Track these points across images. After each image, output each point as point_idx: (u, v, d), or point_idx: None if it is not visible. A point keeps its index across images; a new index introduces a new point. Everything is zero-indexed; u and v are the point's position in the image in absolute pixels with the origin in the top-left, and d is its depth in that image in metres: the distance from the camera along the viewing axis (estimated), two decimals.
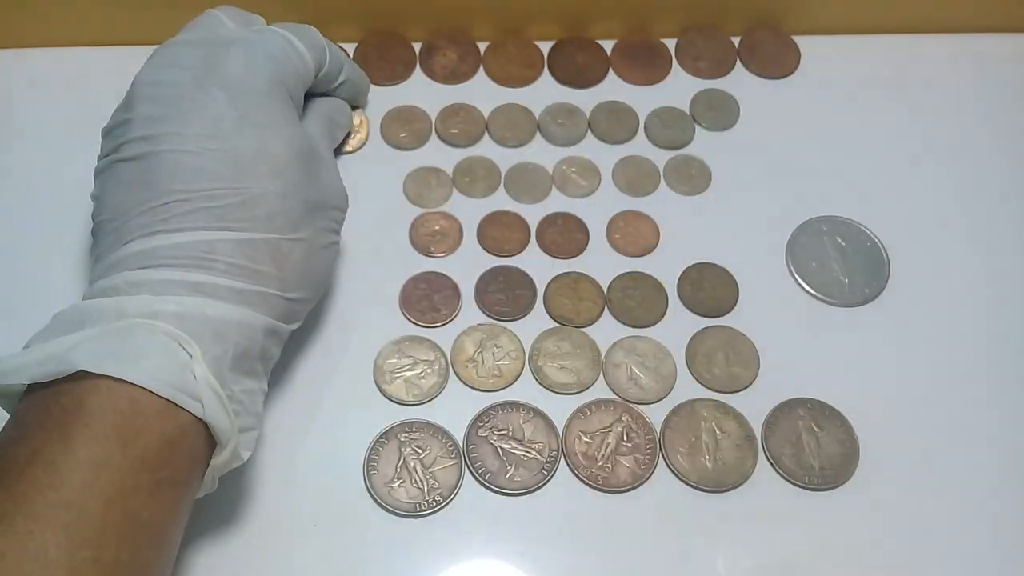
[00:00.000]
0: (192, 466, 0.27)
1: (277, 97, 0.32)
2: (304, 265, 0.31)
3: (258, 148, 0.30)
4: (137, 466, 0.25)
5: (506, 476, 0.34)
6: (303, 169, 0.31)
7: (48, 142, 0.41)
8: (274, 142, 0.30)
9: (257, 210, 0.29)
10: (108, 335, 0.26)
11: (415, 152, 0.42)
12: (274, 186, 0.30)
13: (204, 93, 0.30)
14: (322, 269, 0.33)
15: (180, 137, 0.29)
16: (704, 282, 0.39)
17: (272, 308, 0.30)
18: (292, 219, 0.30)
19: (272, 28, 0.34)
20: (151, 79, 0.31)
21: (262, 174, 0.30)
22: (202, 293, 0.28)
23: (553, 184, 0.41)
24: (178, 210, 0.28)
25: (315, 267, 0.32)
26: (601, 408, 0.35)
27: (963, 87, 0.45)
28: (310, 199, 0.31)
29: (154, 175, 0.29)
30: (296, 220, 0.30)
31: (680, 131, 0.43)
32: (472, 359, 0.36)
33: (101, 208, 0.30)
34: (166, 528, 0.26)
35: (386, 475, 0.33)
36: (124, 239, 0.29)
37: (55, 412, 0.25)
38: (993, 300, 0.39)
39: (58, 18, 0.43)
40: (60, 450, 0.24)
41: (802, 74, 0.46)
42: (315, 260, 0.32)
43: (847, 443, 0.35)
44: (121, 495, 0.24)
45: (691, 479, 0.34)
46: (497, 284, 0.38)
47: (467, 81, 0.44)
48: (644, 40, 0.46)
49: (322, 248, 0.32)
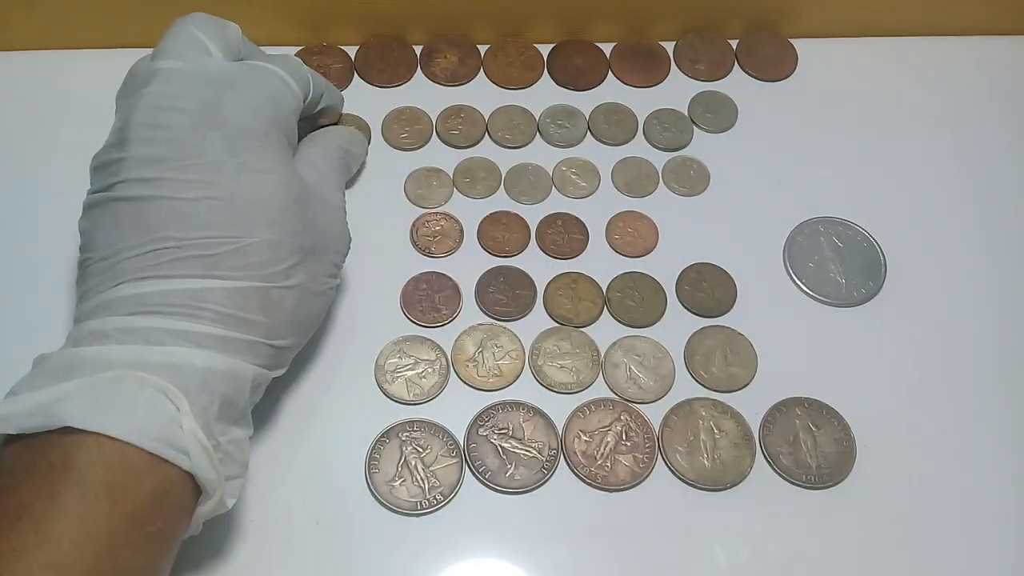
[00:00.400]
0: (179, 516, 0.27)
1: (274, 141, 0.31)
2: (295, 313, 0.30)
3: (254, 196, 0.29)
4: (126, 523, 0.25)
5: (506, 475, 0.34)
6: (299, 215, 0.31)
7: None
8: (270, 189, 0.30)
9: (250, 258, 0.29)
10: (96, 387, 0.26)
11: (416, 153, 0.42)
12: (268, 234, 0.29)
13: (202, 138, 0.29)
14: (314, 314, 0.32)
15: (177, 184, 0.29)
16: (702, 282, 0.39)
17: (259, 356, 0.29)
18: (284, 267, 0.30)
19: (263, 65, 0.34)
20: (148, 120, 0.30)
21: (256, 222, 0.29)
22: (190, 342, 0.28)
23: (553, 185, 0.42)
24: (170, 256, 0.28)
25: (307, 313, 0.31)
26: (600, 407, 0.36)
27: (960, 89, 0.46)
28: (305, 245, 0.31)
29: (150, 220, 0.29)
30: (289, 268, 0.30)
31: (679, 133, 0.43)
32: (472, 359, 0.36)
33: (91, 244, 0.30)
34: (153, 574, 0.27)
35: (387, 474, 0.33)
36: (115, 280, 0.28)
37: (42, 466, 0.25)
38: (989, 300, 0.39)
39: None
40: (49, 507, 0.24)
41: (800, 76, 0.46)
42: (308, 306, 0.31)
43: (844, 442, 0.35)
44: (110, 553, 0.24)
45: (689, 478, 0.34)
46: (497, 284, 0.39)
47: (467, 83, 0.45)
48: (643, 43, 0.46)
49: (316, 294, 0.32)
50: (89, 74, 0.43)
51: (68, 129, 0.42)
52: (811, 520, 0.34)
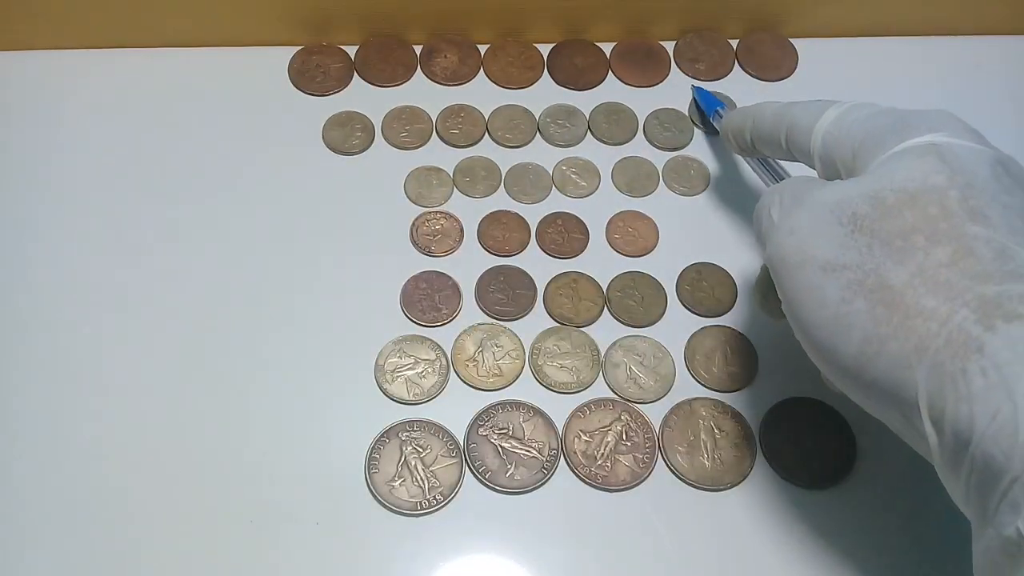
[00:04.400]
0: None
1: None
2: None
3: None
4: None
5: (506, 475, 0.34)
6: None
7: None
8: None
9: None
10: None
11: (416, 152, 0.42)
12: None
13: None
14: None
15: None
16: (703, 282, 0.39)
17: None
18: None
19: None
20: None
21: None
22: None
23: (553, 184, 0.42)
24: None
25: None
26: (600, 407, 0.36)
27: (961, 89, 0.46)
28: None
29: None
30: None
31: (679, 132, 0.44)
32: (472, 358, 0.36)
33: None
34: None
35: (387, 474, 0.33)
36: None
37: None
38: None
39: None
40: None
41: (800, 76, 0.46)
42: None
43: (845, 442, 0.35)
44: None
45: (690, 478, 0.34)
46: (497, 284, 0.38)
47: (468, 83, 0.45)
48: (643, 42, 0.46)
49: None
50: (89, 74, 0.44)
51: (69, 129, 0.42)
52: (811, 520, 0.34)
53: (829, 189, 0.28)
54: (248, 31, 0.44)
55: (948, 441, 0.24)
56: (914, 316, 0.24)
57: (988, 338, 0.23)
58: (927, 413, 0.24)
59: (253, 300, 0.37)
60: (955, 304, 0.24)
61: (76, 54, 0.44)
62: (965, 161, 0.27)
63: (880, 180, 0.27)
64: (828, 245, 0.27)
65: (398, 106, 0.43)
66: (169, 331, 0.36)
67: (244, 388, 0.35)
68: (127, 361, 0.36)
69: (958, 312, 0.24)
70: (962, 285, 0.24)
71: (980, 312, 0.24)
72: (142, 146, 0.42)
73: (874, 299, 0.25)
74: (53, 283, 0.37)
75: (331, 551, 0.32)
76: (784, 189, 0.31)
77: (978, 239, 0.25)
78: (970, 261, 0.25)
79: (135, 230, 0.39)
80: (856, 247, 0.26)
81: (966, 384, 0.23)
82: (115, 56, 0.44)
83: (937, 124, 0.28)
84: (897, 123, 0.29)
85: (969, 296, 0.24)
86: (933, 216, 0.26)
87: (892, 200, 0.26)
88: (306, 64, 0.45)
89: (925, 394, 0.24)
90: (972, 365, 0.23)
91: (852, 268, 0.26)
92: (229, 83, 0.44)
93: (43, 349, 0.36)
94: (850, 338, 0.26)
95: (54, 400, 0.35)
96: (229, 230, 0.39)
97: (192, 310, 0.37)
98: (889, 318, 0.25)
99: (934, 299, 0.24)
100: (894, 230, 0.26)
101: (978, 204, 0.26)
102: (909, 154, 0.27)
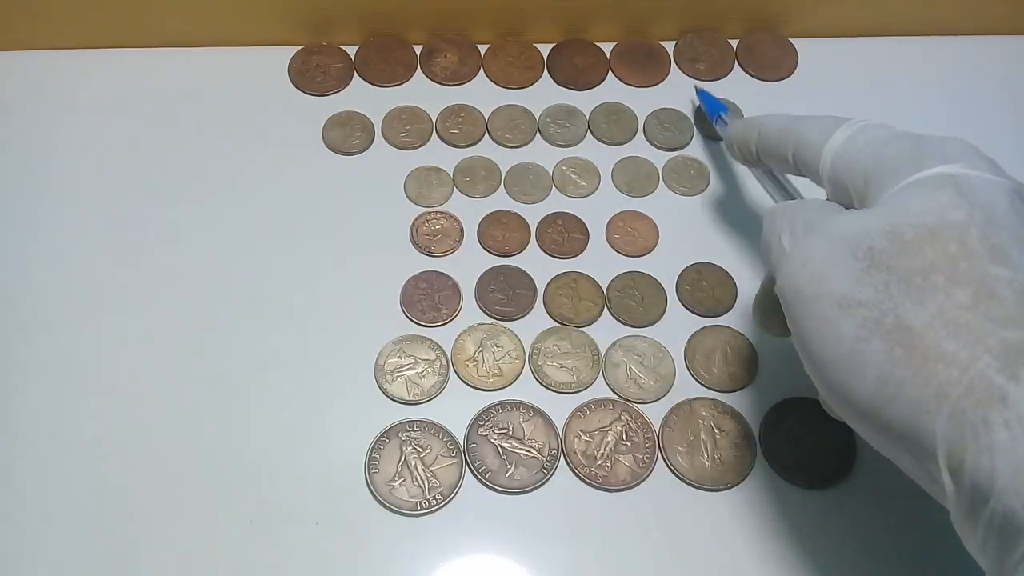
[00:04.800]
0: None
1: None
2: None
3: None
4: None
5: (506, 475, 0.34)
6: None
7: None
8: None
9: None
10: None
11: (416, 152, 0.42)
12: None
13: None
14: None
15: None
16: (703, 282, 0.39)
17: None
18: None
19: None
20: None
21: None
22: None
23: (553, 184, 0.42)
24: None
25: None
26: (600, 407, 0.36)
27: (961, 89, 0.46)
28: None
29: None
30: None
31: (679, 132, 0.44)
32: (472, 358, 0.36)
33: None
34: None
35: (387, 474, 0.33)
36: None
37: None
38: None
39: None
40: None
41: (800, 76, 0.46)
42: None
43: (845, 442, 0.35)
44: None
45: (690, 478, 0.34)
46: (497, 283, 0.39)
47: (467, 83, 0.45)
48: (643, 42, 0.46)
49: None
50: (89, 74, 0.44)
51: (69, 129, 0.42)
52: (811, 520, 0.34)
53: (843, 220, 0.28)
54: (248, 31, 0.44)
55: (966, 491, 0.23)
56: (934, 360, 0.24)
57: (1012, 388, 0.22)
58: (945, 462, 0.23)
59: (253, 300, 0.37)
60: (977, 350, 0.23)
61: (76, 54, 0.44)
62: (983, 194, 0.26)
63: (896, 213, 0.26)
64: (844, 279, 0.26)
65: (398, 106, 0.43)
66: (169, 331, 0.36)
67: (244, 388, 0.35)
68: (127, 361, 0.36)
69: (980, 358, 0.23)
70: (984, 329, 0.24)
71: (1003, 360, 0.23)
72: (142, 146, 0.42)
73: (892, 340, 0.25)
74: (53, 283, 0.37)
75: (331, 551, 0.32)
76: (795, 216, 0.30)
77: (1000, 280, 0.24)
78: (992, 304, 0.24)
79: (135, 230, 0.39)
80: (872, 284, 0.26)
81: (988, 435, 0.22)
82: (115, 56, 0.44)
83: (953, 154, 0.28)
84: (911, 151, 0.28)
85: (992, 341, 0.23)
86: (953, 255, 0.25)
87: (910, 236, 0.26)
88: (306, 64, 0.45)
89: (944, 442, 0.23)
90: (995, 416, 0.22)
91: (868, 306, 0.25)
92: (229, 83, 0.44)
93: (43, 349, 0.36)
94: (865, 377, 0.25)
95: (54, 400, 0.35)
96: (229, 230, 0.39)
97: (192, 310, 0.37)
98: (908, 361, 0.24)
99: (955, 343, 0.24)
100: (913, 268, 0.25)
101: (999, 242, 0.25)
102: (925, 186, 0.27)
